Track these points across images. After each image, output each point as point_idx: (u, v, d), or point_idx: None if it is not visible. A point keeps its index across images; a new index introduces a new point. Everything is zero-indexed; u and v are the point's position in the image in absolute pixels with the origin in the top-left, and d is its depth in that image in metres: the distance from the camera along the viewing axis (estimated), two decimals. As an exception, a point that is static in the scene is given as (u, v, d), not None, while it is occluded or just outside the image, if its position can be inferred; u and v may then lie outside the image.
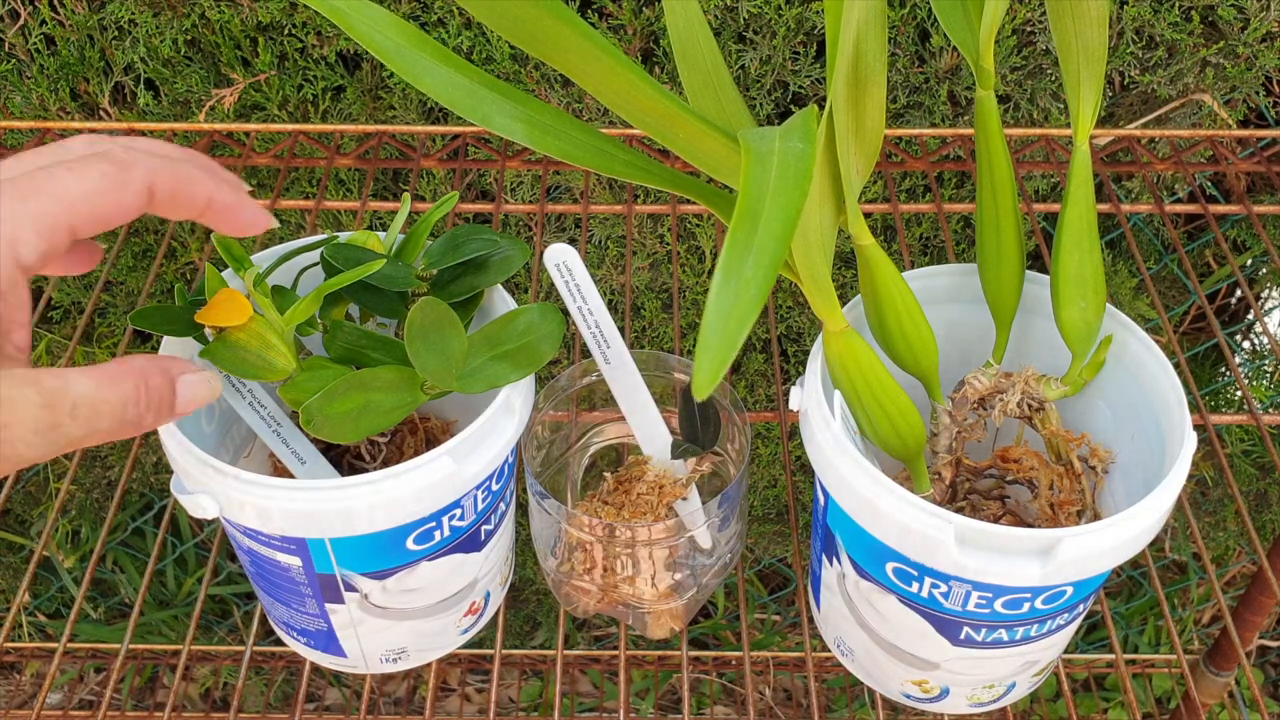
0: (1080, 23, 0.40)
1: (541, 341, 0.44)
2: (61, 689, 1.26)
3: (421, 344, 0.40)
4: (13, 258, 0.30)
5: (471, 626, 0.51)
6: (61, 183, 0.32)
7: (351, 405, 0.41)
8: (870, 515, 0.42)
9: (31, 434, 0.30)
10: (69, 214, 0.32)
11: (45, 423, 0.31)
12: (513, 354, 0.44)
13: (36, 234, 0.31)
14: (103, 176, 0.32)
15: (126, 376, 0.33)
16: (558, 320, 0.45)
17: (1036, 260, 0.67)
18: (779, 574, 1.23)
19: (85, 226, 0.32)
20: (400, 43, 0.36)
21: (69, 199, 0.31)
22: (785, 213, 0.28)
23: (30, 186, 0.31)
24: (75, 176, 0.32)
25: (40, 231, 0.31)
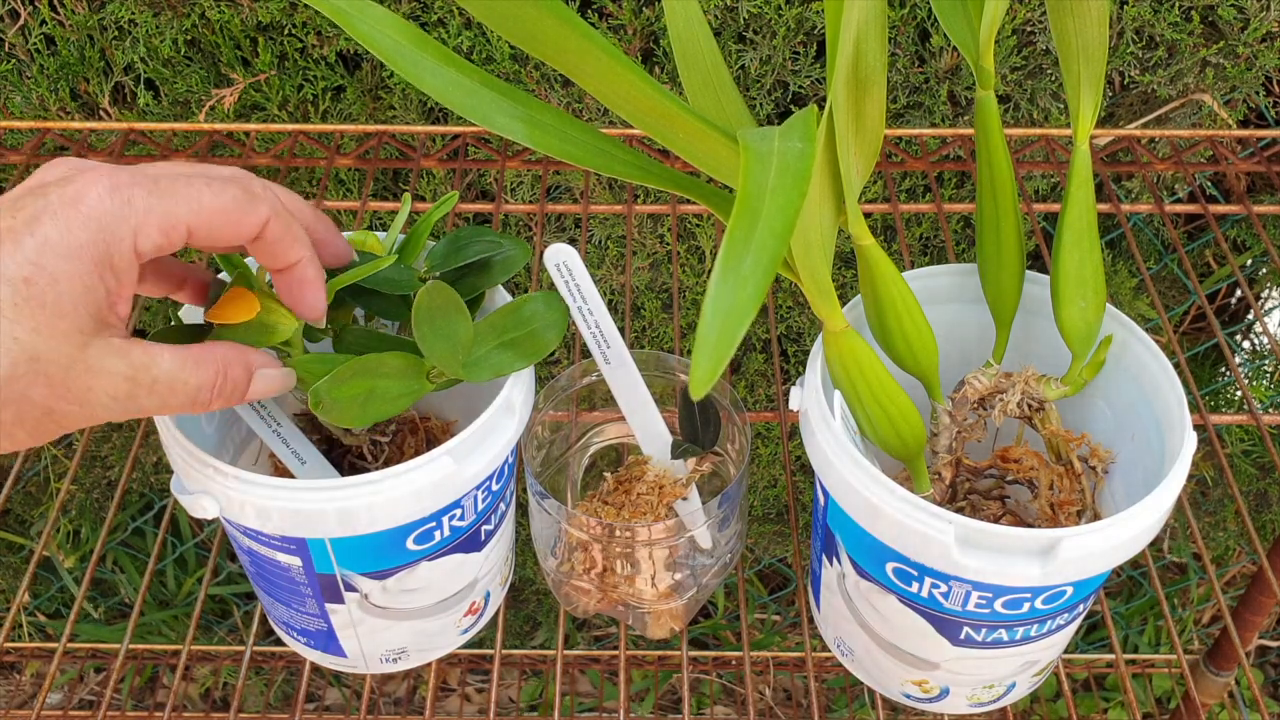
0: (1080, 22, 0.40)
1: (546, 330, 0.44)
2: (61, 689, 1.26)
3: (429, 329, 0.40)
4: (132, 244, 0.33)
5: (471, 626, 0.51)
6: (197, 192, 0.35)
7: (359, 390, 0.40)
8: (870, 515, 0.42)
9: (110, 399, 0.33)
10: (192, 219, 0.34)
11: (125, 392, 0.34)
12: (518, 342, 0.44)
13: (159, 229, 0.34)
14: (233, 200, 0.35)
15: (210, 364, 0.36)
16: (561, 309, 0.44)
17: (1036, 260, 0.67)
18: (779, 574, 1.23)
19: (201, 236, 0.35)
20: (401, 43, 0.36)
21: (197, 207, 0.34)
22: (784, 211, 0.28)
23: (170, 188, 0.34)
24: (211, 193, 0.35)
25: (162, 228, 0.34)
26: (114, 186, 0.33)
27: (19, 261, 0.31)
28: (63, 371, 0.32)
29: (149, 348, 0.34)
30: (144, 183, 0.33)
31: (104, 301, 0.33)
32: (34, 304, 0.31)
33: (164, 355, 0.35)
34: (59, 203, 0.32)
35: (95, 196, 0.32)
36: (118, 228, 0.33)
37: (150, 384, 0.34)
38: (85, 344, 0.32)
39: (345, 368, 0.40)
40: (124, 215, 0.33)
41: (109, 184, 0.33)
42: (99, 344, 0.33)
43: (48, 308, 0.31)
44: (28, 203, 0.32)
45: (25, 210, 0.32)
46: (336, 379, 0.40)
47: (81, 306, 0.32)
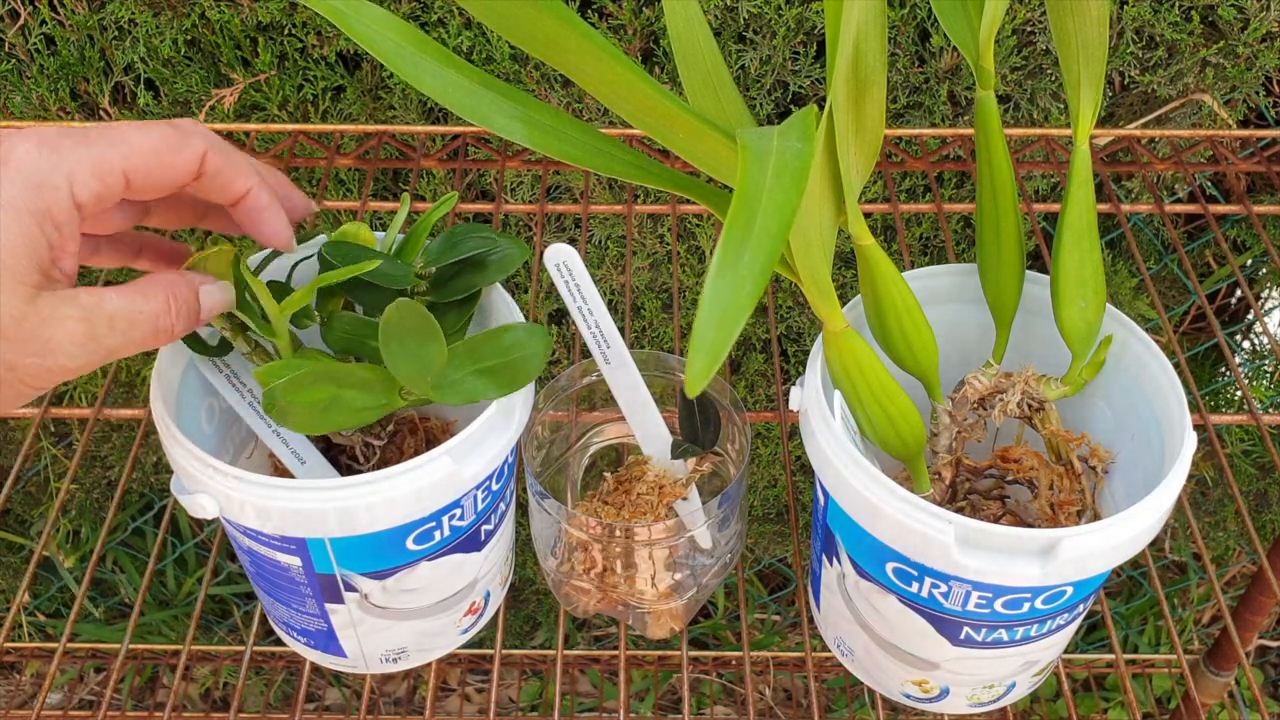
0: (1080, 23, 0.40)
1: (527, 361, 0.43)
2: (61, 689, 1.26)
3: (397, 347, 0.39)
4: (69, 193, 0.33)
5: (472, 626, 0.51)
6: (123, 135, 0.35)
7: (320, 397, 0.40)
8: (870, 515, 0.42)
9: (72, 345, 0.34)
10: (124, 162, 0.34)
11: (84, 334, 0.34)
12: (495, 370, 0.43)
13: (93, 175, 0.34)
14: (163, 138, 0.35)
15: (157, 289, 0.37)
16: (544, 341, 0.44)
17: (1036, 260, 0.67)
18: (779, 574, 1.23)
19: (140, 178, 0.35)
20: (400, 43, 0.36)
21: (127, 149, 0.35)
22: (781, 210, 0.28)
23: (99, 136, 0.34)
24: (139, 133, 0.35)
25: (96, 173, 0.34)
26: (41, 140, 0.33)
27: None
28: (14, 325, 0.32)
29: (95, 290, 0.35)
30: (73, 134, 0.34)
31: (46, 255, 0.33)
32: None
33: (110, 293, 0.35)
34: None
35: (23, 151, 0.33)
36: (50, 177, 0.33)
37: (108, 321, 0.35)
38: (33, 297, 0.33)
39: (308, 372, 0.39)
40: (55, 165, 0.33)
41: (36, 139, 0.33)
42: (47, 295, 0.33)
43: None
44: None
45: None
46: (296, 383, 0.39)
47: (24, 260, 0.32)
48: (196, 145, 0.36)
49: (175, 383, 0.45)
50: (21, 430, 1.00)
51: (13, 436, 1.02)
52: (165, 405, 0.43)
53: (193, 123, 0.37)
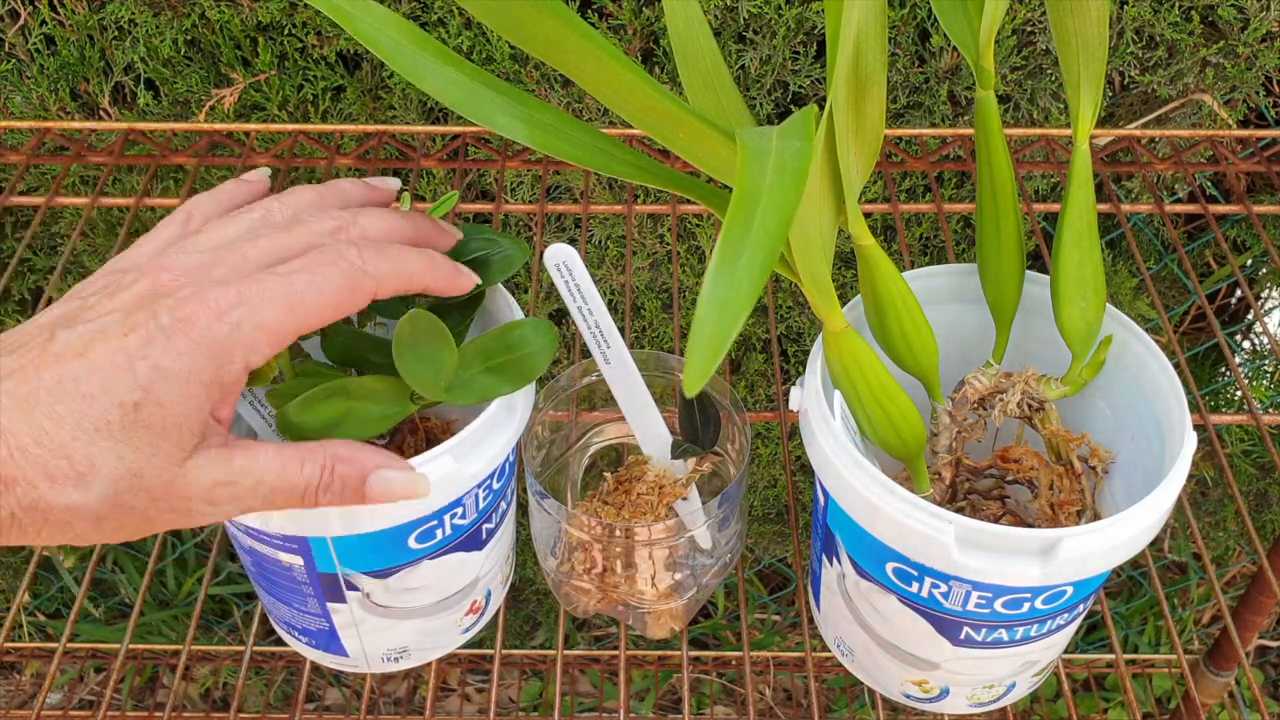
0: (1080, 23, 0.40)
1: (535, 356, 0.43)
2: (61, 689, 1.26)
3: (410, 356, 0.39)
4: (244, 364, 0.34)
5: (473, 625, 0.51)
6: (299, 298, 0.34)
7: (332, 413, 0.40)
8: (870, 515, 0.42)
9: (208, 506, 0.34)
10: (297, 325, 0.35)
11: (225, 497, 0.34)
12: (504, 367, 0.43)
13: (268, 344, 0.34)
14: (336, 293, 0.35)
15: (315, 461, 0.36)
16: (551, 335, 0.44)
17: (1036, 260, 0.67)
18: (779, 574, 1.23)
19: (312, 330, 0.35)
20: (401, 42, 0.36)
21: (303, 312, 0.34)
22: (780, 209, 0.28)
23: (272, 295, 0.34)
24: (314, 290, 0.35)
25: (271, 342, 0.34)
26: (220, 313, 0.33)
27: (130, 386, 0.32)
28: (163, 486, 0.33)
29: (250, 451, 0.35)
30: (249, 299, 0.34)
31: (208, 417, 0.34)
32: (140, 427, 0.32)
33: (265, 455, 0.35)
34: (170, 326, 0.33)
35: (204, 324, 0.33)
36: (228, 352, 0.33)
37: (253, 487, 0.35)
38: (185, 460, 0.33)
39: (318, 390, 0.39)
40: (233, 341, 0.33)
41: (216, 310, 0.33)
42: (198, 457, 0.34)
43: (153, 430, 0.32)
44: (142, 321, 0.33)
45: (139, 331, 0.33)
46: (309, 401, 0.39)
47: (185, 427, 0.33)
48: (368, 288, 0.36)
49: (176, 382, 0.45)
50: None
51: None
52: (166, 405, 0.43)
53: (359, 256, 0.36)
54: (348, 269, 0.35)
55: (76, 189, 0.81)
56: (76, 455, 0.32)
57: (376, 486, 0.37)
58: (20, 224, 0.86)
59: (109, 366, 0.32)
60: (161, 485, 0.33)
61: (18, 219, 0.86)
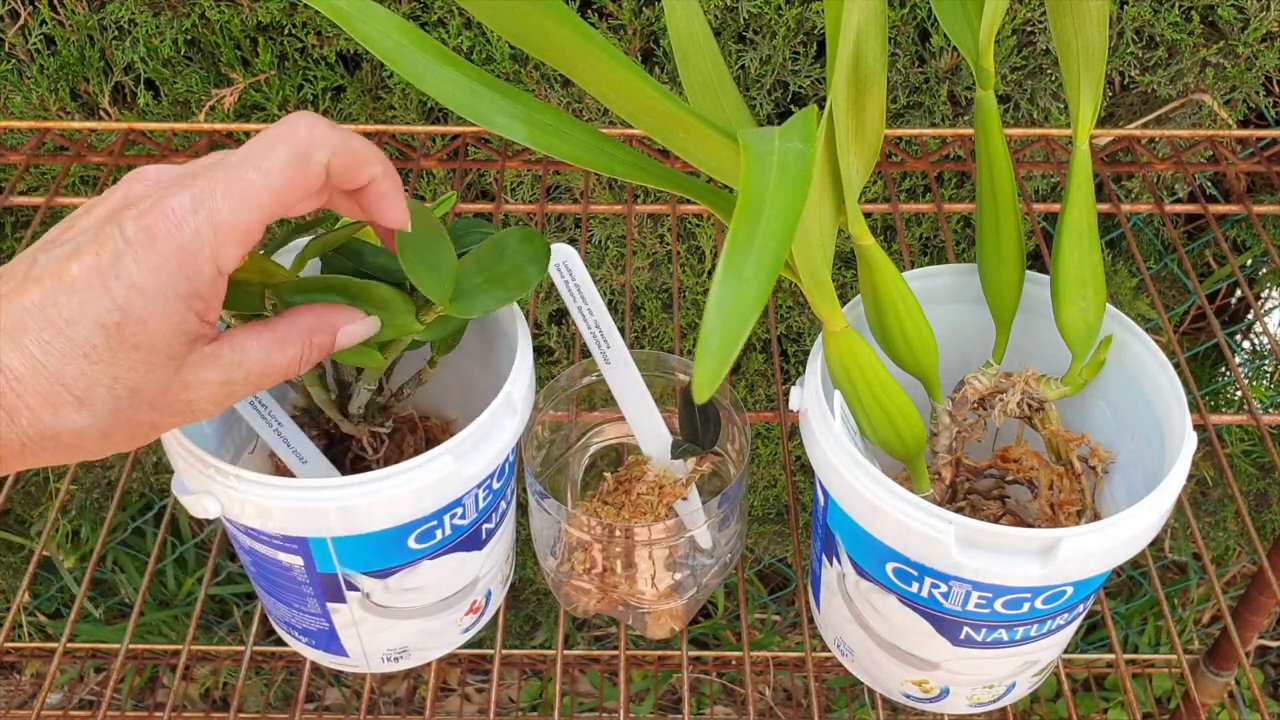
0: (1080, 22, 0.40)
1: (529, 264, 0.43)
2: (61, 689, 1.26)
3: (414, 255, 0.39)
4: (215, 270, 0.34)
5: (473, 625, 0.51)
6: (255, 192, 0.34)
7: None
8: (870, 515, 0.42)
9: (209, 404, 0.35)
10: (259, 215, 0.34)
11: (222, 394, 0.35)
12: (503, 278, 0.43)
13: (235, 243, 0.34)
14: (290, 169, 0.35)
15: (295, 340, 0.37)
16: (540, 243, 0.43)
17: (1036, 260, 0.67)
18: (779, 574, 1.23)
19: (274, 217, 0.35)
20: (401, 43, 0.36)
21: (257, 201, 0.34)
22: (785, 212, 0.28)
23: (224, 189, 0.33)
24: (261, 174, 0.34)
25: (238, 240, 0.34)
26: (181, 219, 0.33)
27: (108, 306, 0.32)
28: (162, 395, 0.34)
29: (237, 343, 0.35)
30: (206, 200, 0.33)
31: (194, 325, 0.34)
32: (127, 346, 0.32)
33: (252, 345, 0.36)
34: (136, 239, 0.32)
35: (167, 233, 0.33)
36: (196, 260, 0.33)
37: (244, 378, 0.35)
38: (179, 366, 0.34)
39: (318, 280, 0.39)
40: (199, 246, 0.33)
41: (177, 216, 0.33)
42: (192, 359, 0.34)
43: (141, 348, 0.32)
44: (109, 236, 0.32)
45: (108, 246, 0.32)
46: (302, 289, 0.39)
47: (173, 339, 0.33)
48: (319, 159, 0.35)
49: (176, 383, 0.45)
50: (21, 430, 1.00)
51: (13, 436, 1.01)
52: (166, 405, 0.43)
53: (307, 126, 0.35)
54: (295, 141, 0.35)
55: (76, 189, 0.81)
56: (71, 381, 0.32)
57: (343, 341, 0.39)
58: (20, 224, 0.86)
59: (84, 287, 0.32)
60: (161, 395, 0.34)
61: (18, 219, 0.86)
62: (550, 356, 0.92)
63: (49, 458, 0.33)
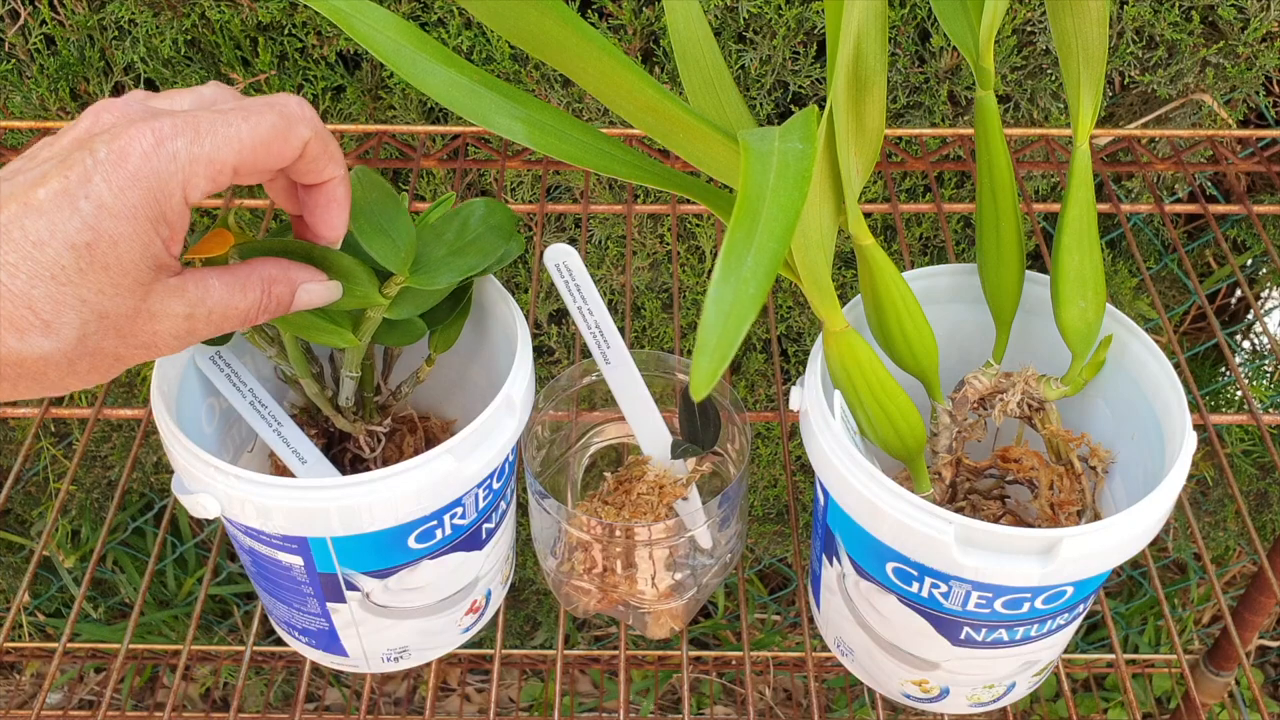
0: (1080, 22, 0.40)
1: (494, 231, 0.42)
2: (61, 689, 1.26)
3: (367, 222, 0.38)
4: (183, 198, 0.34)
5: (473, 625, 0.51)
6: (234, 129, 0.34)
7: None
8: (870, 515, 0.42)
9: (172, 338, 0.35)
10: (236, 158, 0.34)
11: (185, 329, 0.35)
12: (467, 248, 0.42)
13: (206, 176, 0.34)
14: (273, 129, 0.35)
15: (255, 285, 0.37)
16: (505, 211, 0.42)
17: (1036, 260, 0.67)
18: (779, 574, 1.23)
19: (246, 170, 0.35)
20: (400, 43, 0.36)
21: (239, 145, 0.34)
22: (785, 212, 0.28)
23: (210, 130, 0.34)
24: (249, 125, 0.35)
25: (209, 174, 0.34)
26: (158, 141, 0.33)
27: (78, 226, 0.32)
28: (129, 321, 0.34)
29: (200, 279, 0.35)
30: (185, 131, 0.34)
31: (161, 251, 0.34)
32: (97, 267, 0.32)
33: (214, 284, 0.36)
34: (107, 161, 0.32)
35: (140, 153, 0.33)
36: (166, 184, 0.33)
37: (206, 315, 0.36)
38: (146, 294, 0.34)
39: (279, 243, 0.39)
40: (170, 171, 0.33)
41: (153, 139, 0.33)
42: (158, 289, 0.34)
43: (110, 269, 0.32)
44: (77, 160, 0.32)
45: (76, 169, 0.32)
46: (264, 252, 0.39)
47: (140, 262, 0.33)
48: (302, 133, 0.36)
49: (175, 382, 0.45)
50: (21, 430, 1.00)
51: (13, 436, 1.02)
52: (165, 405, 0.43)
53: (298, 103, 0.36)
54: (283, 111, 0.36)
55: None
56: (39, 304, 0.32)
57: (302, 299, 0.39)
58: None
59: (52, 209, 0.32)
60: (128, 322, 0.34)
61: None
62: (550, 356, 0.92)
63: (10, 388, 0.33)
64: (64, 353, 0.33)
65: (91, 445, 1.01)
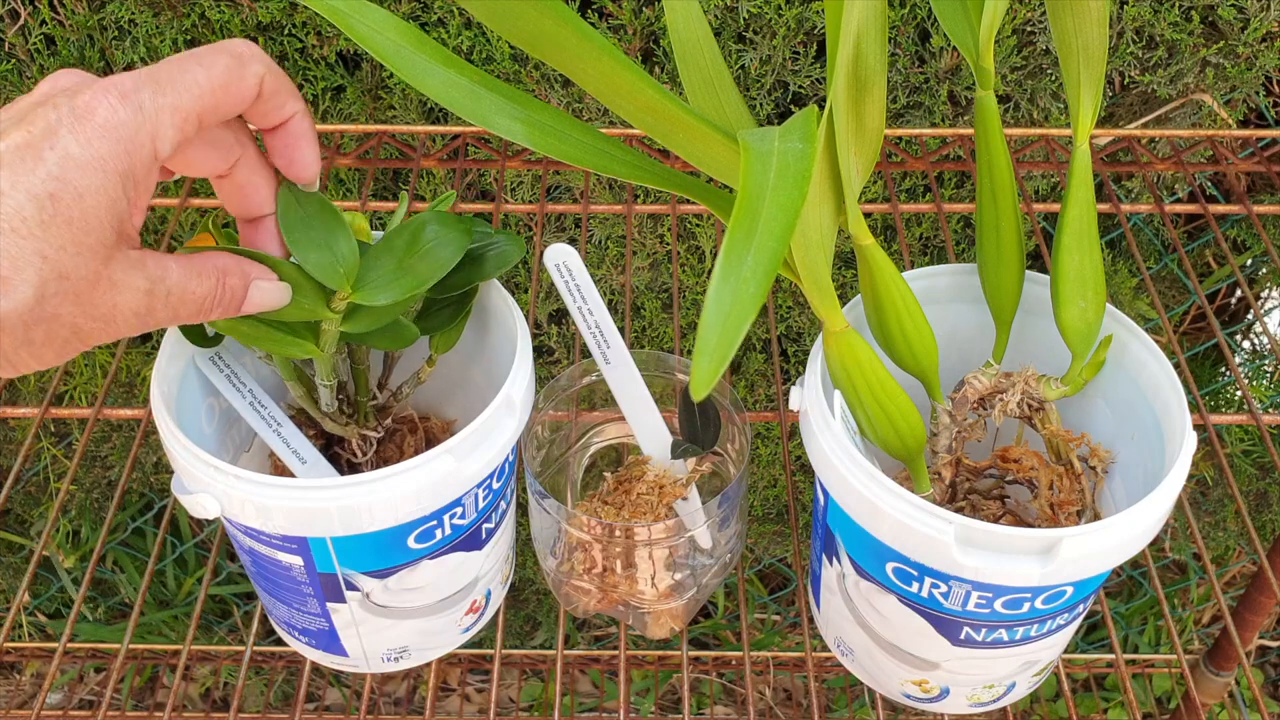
0: (1080, 22, 0.40)
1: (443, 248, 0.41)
2: (61, 689, 1.26)
3: (302, 234, 0.38)
4: (152, 150, 0.33)
5: (473, 625, 0.51)
6: (191, 76, 0.34)
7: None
8: (870, 515, 0.42)
9: (132, 314, 0.34)
10: (198, 104, 0.34)
11: (144, 306, 0.34)
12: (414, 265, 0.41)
13: (173, 126, 0.33)
14: (227, 70, 0.35)
15: (210, 273, 0.37)
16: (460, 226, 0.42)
17: (1036, 260, 0.67)
18: (779, 574, 1.23)
19: (209, 116, 0.35)
20: (400, 43, 0.36)
21: (198, 90, 0.34)
22: (784, 212, 0.28)
23: (170, 80, 0.34)
24: (204, 70, 0.34)
25: (175, 124, 0.33)
26: (123, 94, 0.33)
27: (42, 177, 0.31)
28: (89, 287, 0.32)
29: (159, 258, 0.35)
30: (147, 84, 0.33)
31: (125, 213, 0.33)
32: (60, 221, 0.31)
33: (172, 266, 0.35)
34: (71, 115, 0.32)
35: (108, 106, 0.32)
36: (136, 135, 0.32)
37: (165, 296, 0.35)
38: (109, 258, 0.32)
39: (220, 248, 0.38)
40: (138, 121, 0.32)
41: (118, 92, 0.32)
42: (120, 257, 0.33)
43: (74, 224, 0.31)
44: (40, 115, 0.32)
45: (39, 123, 0.31)
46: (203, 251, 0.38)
47: (106, 220, 0.32)
48: (256, 70, 0.36)
49: (175, 383, 0.45)
50: (21, 430, 1.00)
51: (13, 436, 1.02)
52: (165, 405, 0.43)
53: (245, 43, 0.36)
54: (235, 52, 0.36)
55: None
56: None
57: (254, 296, 0.38)
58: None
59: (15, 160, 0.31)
60: (89, 287, 0.32)
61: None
62: (550, 356, 0.92)
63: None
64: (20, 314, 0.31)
65: (91, 445, 1.01)
